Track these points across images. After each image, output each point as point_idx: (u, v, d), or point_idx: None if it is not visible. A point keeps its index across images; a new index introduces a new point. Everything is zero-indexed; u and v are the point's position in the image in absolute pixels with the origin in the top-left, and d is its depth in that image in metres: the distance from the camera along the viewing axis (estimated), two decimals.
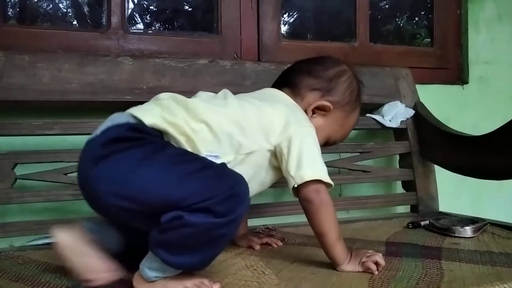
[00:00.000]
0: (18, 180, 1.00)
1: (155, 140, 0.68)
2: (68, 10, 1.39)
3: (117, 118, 0.70)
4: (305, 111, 0.85)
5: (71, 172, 1.02)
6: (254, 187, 0.77)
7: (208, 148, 0.71)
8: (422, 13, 1.82)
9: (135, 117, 0.70)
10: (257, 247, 0.93)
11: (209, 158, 0.69)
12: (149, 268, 0.65)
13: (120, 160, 0.63)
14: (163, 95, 0.76)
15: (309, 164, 0.74)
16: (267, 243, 0.95)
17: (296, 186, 0.73)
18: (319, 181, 0.74)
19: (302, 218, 1.14)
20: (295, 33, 1.65)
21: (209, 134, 0.71)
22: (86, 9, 1.40)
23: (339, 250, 0.75)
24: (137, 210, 0.62)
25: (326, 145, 0.90)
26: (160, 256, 0.62)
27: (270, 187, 0.85)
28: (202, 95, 0.80)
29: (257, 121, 0.76)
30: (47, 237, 0.97)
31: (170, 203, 0.60)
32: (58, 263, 0.81)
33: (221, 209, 0.60)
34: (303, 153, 0.74)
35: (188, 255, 0.63)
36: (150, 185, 0.61)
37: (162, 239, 0.62)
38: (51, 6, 1.37)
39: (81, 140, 1.08)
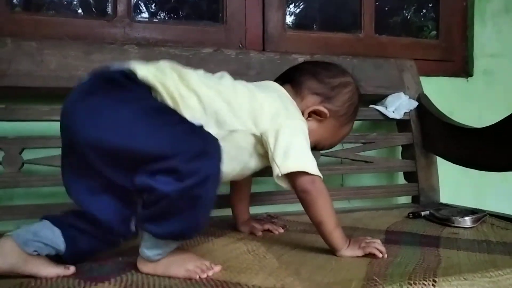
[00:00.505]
0: (25, 164, 1.02)
1: (140, 90, 0.69)
2: None
3: (113, 66, 0.71)
4: (302, 112, 0.86)
5: None
6: (235, 168, 0.79)
7: (193, 115, 0.71)
8: (430, 5, 1.81)
9: (129, 69, 0.71)
10: (259, 233, 0.94)
11: None
12: (146, 248, 0.67)
13: (102, 99, 0.65)
14: (162, 62, 0.76)
15: (297, 156, 0.75)
16: (268, 230, 0.97)
17: (280, 175, 0.75)
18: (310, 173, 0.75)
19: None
20: (300, 23, 1.65)
21: (197, 104, 0.72)
22: None
23: (337, 237, 0.76)
24: (105, 152, 0.64)
25: (313, 149, 0.88)
26: (149, 230, 0.65)
27: (270, 175, 0.85)
28: (200, 71, 0.80)
29: (247, 103, 0.77)
30: None
31: (135, 149, 0.62)
32: None
33: (187, 169, 0.60)
34: (292, 144, 0.76)
35: (172, 223, 0.63)
36: (122, 128, 0.63)
37: (145, 214, 0.65)
38: None
39: None
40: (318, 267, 0.71)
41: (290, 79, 0.90)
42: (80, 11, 1.40)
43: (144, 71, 0.71)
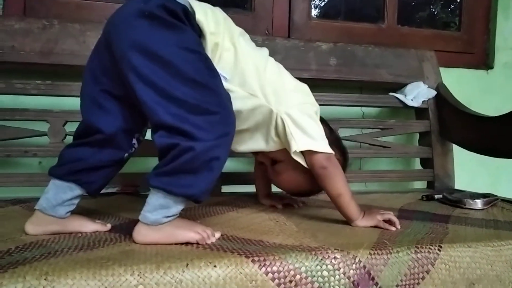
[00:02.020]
0: (67, 136, 1.12)
1: (195, 36, 0.71)
2: None
3: None
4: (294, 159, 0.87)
5: None
6: (242, 128, 0.82)
7: (223, 66, 0.75)
8: (457, 0, 1.82)
9: (191, 7, 0.73)
10: (279, 206, 1.01)
11: (222, 78, 0.73)
12: (151, 211, 0.66)
13: (161, 30, 0.66)
14: (218, 10, 0.79)
15: (314, 136, 0.82)
16: (288, 204, 1.03)
17: (298, 151, 0.81)
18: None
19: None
20: (325, 13, 1.70)
21: (232, 57, 0.77)
22: None
23: (353, 207, 0.83)
24: (139, 70, 0.64)
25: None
26: (163, 186, 0.65)
27: None
28: (241, 30, 0.85)
29: (274, 80, 0.83)
30: None
31: (166, 88, 0.64)
32: (100, 208, 0.93)
33: (213, 130, 0.65)
34: (309, 124, 0.83)
35: (190, 180, 0.65)
36: (170, 64, 0.65)
37: (162, 169, 0.65)
38: None
39: None
40: (333, 233, 0.78)
41: None
42: None
43: (202, 15, 0.73)
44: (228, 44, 0.77)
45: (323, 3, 1.72)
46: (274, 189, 1.13)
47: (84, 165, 0.72)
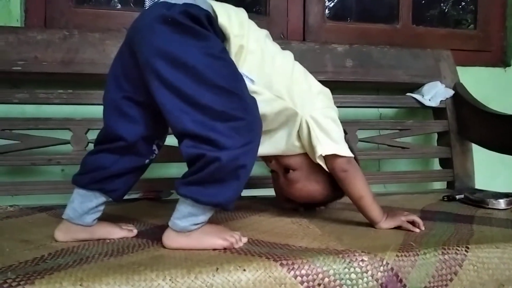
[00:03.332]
0: (89, 143, 1.14)
1: (218, 42, 0.71)
2: None
3: (199, 1, 0.71)
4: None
5: None
6: (265, 129, 0.78)
7: (249, 69, 0.75)
8: None
9: (213, 11, 0.72)
10: (301, 209, 1.01)
11: (245, 79, 0.73)
12: (180, 218, 0.67)
13: (184, 36, 0.66)
14: (240, 10, 0.78)
15: (337, 141, 0.83)
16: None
17: (323, 155, 0.82)
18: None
19: None
20: (339, 14, 1.71)
21: (258, 60, 0.77)
22: None
23: (375, 209, 0.83)
24: (163, 76, 0.64)
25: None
26: (191, 195, 0.65)
27: None
28: (269, 35, 0.85)
29: (300, 83, 0.83)
30: None
31: (191, 95, 0.64)
32: (126, 214, 0.94)
33: (238, 138, 0.64)
34: (333, 130, 0.84)
35: (217, 189, 0.65)
36: (194, 70, 0.64)
37: (190, 179, 0.65)
38: None
39: None
40: (358, 236, 0.78)
41: None
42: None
43: (225, 19, 0.72)
44: (253, 46, 0.76)
45: (332, 4, 1.72)
46: None
47: (106, 173, 0.72)
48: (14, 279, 0.53)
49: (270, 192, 1.13)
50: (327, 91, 0.91)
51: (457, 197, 1.16)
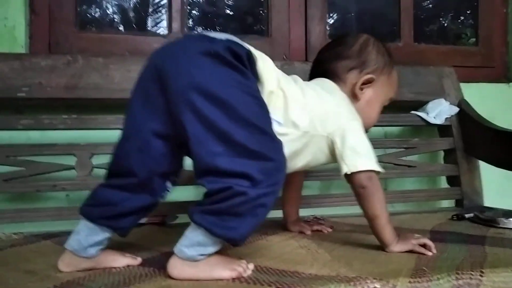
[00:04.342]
0: (94, 169, 1.13)
1: (255, 82, 0.72)
2: (132, 16, 1.52)
3: (238, 40, 0.72)
4: (353, 92, 0.91)
5: None
6: (297, 164, 0.83)
7: (275, 112, 0.75)
8: (468, 12, 1.83)
9: (253, 53, 0.72)
10: (308, 232, 1.00)
11: (275, 123, 0.74)
12: (188, 246, 0.66)
13: (225, 71, 0.66)
14: (266, 57, 0.79)
15: (364, 155, 0.81)
16: (317, 230, 1.02)
17: (349, 173, 0.80)
18: (370, 170, 0.81)
19: (349, 210, 1.22)
20: (339, 33, 1.71)
21: (282, 103, 0.77)
22: (148, 16, 1.53)
23: (389, 231, 0.81)
24: (199, 111, 0.63)
25: (383, 109, 0.96)
26: (205, 225, 0.64)
27: (317, 179, 0.90)
28: (280, 71, 0.84)
29: (317, 108, 0.82)
30: None
31: (226, 131, 0.63)
32: (132, 240, 0.93)
33: (265, 179, 0.64)
34: (359, 144, 0.82)
35: (234, 224, 0.64)
36: (232, 107, 0.64)
37: (208, 209, 0.64)
38: (116, 13, 1.51)
39: None
40: (368, 260, 0.76)
41: (323, 74, 0.93)
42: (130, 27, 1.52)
43: (261, 63, 0.73)
44: (277, 90, 0.77)
45: (332, 21, 1.73)
46: (301, 213, 1.12)
47: (116, 211, 0.71)
48: None
49: (276, 214, 1.11)
50: (340, 99, 0.88)
51: (467, 216, 1.14)
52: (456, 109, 1.38)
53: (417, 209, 1.37)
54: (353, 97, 0.91)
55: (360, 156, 0.81)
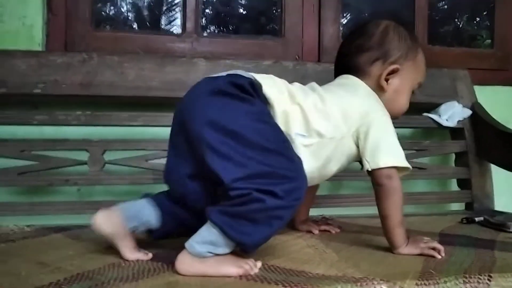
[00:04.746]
0: (106, 164, 1.15)
1: (264, 107, 0.75)
2: (146, 15, 1.54)
3: (241, 72, 0.77)
4: (379, 84, 0.89)
5: (152, 159, 1.16)
6: (333, 169, 0.85)
7: (298, 128, 0.77)
8: (484, 13, 1.81)
9: (257, 81, 0.76)
10: (316, 231, 1.00)
11: (299, 137, 0.77)
12: (199, 243, 0.67)
13: (232, 104, 0.71)
14: (277, 79, 0.82)
15: (386, 152, 0.80)
16: (325, 230, 1.02)
17: (370, 169, 0.80)
18: (392, 167, 0.80)
19: (358, 211, 1.22)
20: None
21: (301, 115, 0.78)
22: (162, 15, 1.55)
23: (399, 234, 0.81)
24: (214, 145, 0.67)
25: (413, 93, 0.95)
26: (221, 224, 0.65)
27: (327, 180, 0.91)
28: (296, 84, 0.86)
29: (338, 111, 0.81)
30: None
31: (242, 161, 0.66)
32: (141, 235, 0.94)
33: (286, 195, 0.65)
34: (381, 140, 0.81)
35: (249, 230, 0.66)
36: (243, 137, 0.68)
37: (226, 210, 0.66)
38: (130, 12, 1.53)
39: (161, 132, 1.22)
40: (376, 262, 0.76)
41: (347, 70, 0.92)
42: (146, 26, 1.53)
43: (267, 88, 0.76)
44: (292, 106, 0.78)
45: (345, 21, 1.72)
46: (310, 213, 1.12)
47: (176, 221, 0.79)
48: None
49: None
50: (367, 91, 0.88)
51: (477, 219, 1.13)
52: (469, 112, 1.37)
53: (427, 212, 1.36)
54: (380, 89, 0.89)
55: (381, 152, 0.80)
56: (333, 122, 0.81)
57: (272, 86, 0.77)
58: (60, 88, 1.14)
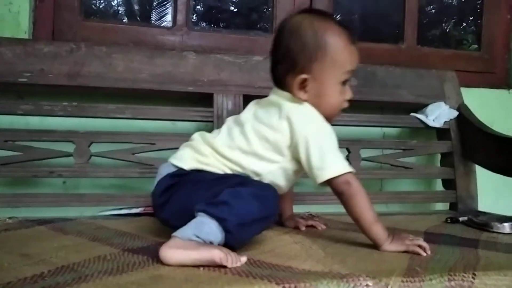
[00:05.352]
0: (92, 157, 1.13)
1: (191, 176, 0.83)
2: (137, 9, 1.52)
3: (163, 170, 0.86)
4: (297, 95, 0.86)
5: (139, 152, 1.14)
6: (283, 186, 0.91)
7: (237, 171, 0.85)
8: (471, 18, 1.84)
9: (175, 165, 0.85)
10: (303, 228, 1.00)
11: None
12: (186, 227, 0.70)
13: (175, 200, 0.81)
14: (195, 136, 0.90)
15: (333, 160, 0.82)
16: (312, 226, 1.02)
17: (318, 184, 0.82)
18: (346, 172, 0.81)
19: (343, 208, 1.22)
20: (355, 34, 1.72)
21: (236, 166, 0.85)
22: (153, 7, 1.54)
23: (377, 231, 0.81)
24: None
25: (348, 82, 0.89)
26: (204, 208, 0.72)
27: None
28: (224, 129, 0.90)
29: (267, 146, 0.86)
30: (114, 209, 1.10)
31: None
32: (127, 229, 0.93)
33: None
34: (323, 151, 0.82)
35: (225, 209, 0.72)
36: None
37: (210, 202, 0.73)
38: (121, 5, 1.51)
39: (148, 125, 1.21)
40: (362, 258, 0.76)
41: (275, 82, 0.91)
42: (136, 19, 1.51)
43: (188, 164, 0.85)
44: (223, 160, 0.86)
45: (341, 21, 1.73)
46: (296, 209, 1.13)
47: None
48: None
49: None
50: (290, 106, 0.86)
51: (461, 219, 1.14)
52: (455, 113, 1.39)
53: (412, 211, 1.38)
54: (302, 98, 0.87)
55: (328, 162, 0.81)
56: (266, 159, 0.86)
57: (192, 156, 0.86)
58: (46, 77, 1.12)
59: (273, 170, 0.87)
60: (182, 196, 0.81)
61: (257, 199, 0.75)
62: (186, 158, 0.86)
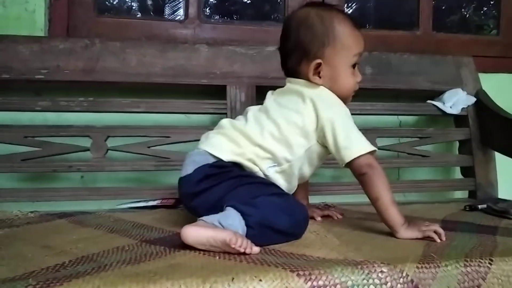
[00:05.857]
0: (109, 151, 1.15)
1: (233, 174, 0.84)
2: (149, 3, 1.53)
3: (198, 157, 0.86)
4: (313, 80, 0.90)
5: (154, 146, 1.16)
6: (308, 172, 0.93)
7: (267, 163, 0.87)
8: (491, 2, 1.79)
9: (213, 155, 0.85)
10: (319, 218, 1.00)
11: (271, 169, 0.87)
12: (211, 216, 0.72)
13: (213, 192, 0.82)
14: (225, 123, 0.91)
15: (356, 141, 0.85)
16: (327, 216, 1.02)
17: (344, 165, 0.84)
18: (367, 153, 0.83)
19: (360, 198, 1.21)
20: (357, 21, 1.69)
21: (264, 153, 0.87)
22: (166, 1, 1.54)
23: (394, 213, 0.82)
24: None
25: (357, 65, 0.93)
26: (233, 203, 0.74)
27: (329, 167, 0.94)
28: (250, 116, 0.91)
29: (296, 131, 0.87)
30: (132, 202, 1.12)
31: None
32: (144, 221, 0.95)
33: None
34: (346, 132, 0.85)
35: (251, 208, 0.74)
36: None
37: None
38: (135, 0, 1.52)
39: (163, 118, 1.22)
40: (377, 246, 0.76)
41: (287, 72, 0.95)
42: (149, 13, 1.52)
43: (226, 155, 0.85)
44: (254, 148, 0.88)
45: (351, 11, 1.71)
46: (312, 200, 1.13)
47: None
48: (34, 286, 0.54)
49: None
50: (312, 93, 0.90)
51: (480, 207, 1.12)
52: (473, 99, 1.36)
53: (430, 199, 1.36)
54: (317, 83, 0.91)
55: (352, 143, 0.84)
56: (295, 143, 0.87)
57: (229, 148, 0.86)
58: (62, 74, 1.14)
59: (301, 156, 0.88)
60: (221, 191, 0.81)
61: (287, 213, 0.77)
62: (223, 149, 0.86)
